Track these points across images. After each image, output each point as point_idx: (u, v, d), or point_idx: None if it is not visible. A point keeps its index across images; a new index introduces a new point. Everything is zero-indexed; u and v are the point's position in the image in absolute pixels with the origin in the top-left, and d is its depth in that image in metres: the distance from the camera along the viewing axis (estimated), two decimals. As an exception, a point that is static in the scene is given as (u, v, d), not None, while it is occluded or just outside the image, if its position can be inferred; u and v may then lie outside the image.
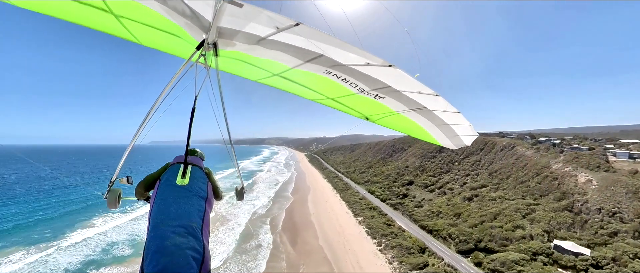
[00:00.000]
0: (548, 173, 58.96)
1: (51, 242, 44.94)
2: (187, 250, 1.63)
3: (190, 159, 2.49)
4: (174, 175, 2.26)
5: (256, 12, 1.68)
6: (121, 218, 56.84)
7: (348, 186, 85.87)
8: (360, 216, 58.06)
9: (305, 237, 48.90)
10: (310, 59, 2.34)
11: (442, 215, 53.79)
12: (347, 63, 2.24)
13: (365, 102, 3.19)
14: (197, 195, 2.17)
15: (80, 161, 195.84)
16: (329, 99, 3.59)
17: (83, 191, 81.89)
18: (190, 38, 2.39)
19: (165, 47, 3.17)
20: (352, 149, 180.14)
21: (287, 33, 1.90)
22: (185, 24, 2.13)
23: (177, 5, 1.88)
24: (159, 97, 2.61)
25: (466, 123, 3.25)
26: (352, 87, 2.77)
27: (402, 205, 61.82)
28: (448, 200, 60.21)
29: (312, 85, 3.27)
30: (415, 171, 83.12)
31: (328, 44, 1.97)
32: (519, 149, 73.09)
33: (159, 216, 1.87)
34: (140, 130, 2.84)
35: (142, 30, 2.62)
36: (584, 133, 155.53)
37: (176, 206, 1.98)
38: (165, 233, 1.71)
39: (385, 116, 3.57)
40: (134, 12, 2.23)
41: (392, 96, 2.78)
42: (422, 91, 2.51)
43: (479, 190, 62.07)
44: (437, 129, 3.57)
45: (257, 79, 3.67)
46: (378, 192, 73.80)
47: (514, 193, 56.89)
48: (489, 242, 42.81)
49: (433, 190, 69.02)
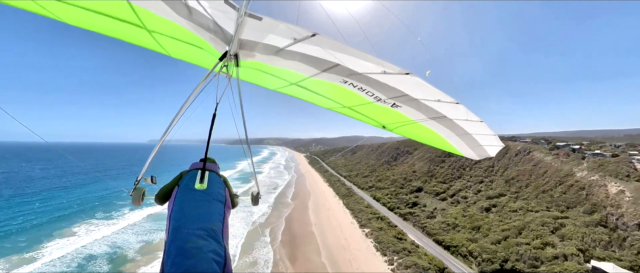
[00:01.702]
0: (572, 181, 53.81)
1: (23, 254, 40.00)
2: (209, 253, 1.65)
3: (208, 165, 2.48)
4: (192, 180, 2.27)
5: (275, 24, 1.76)
6: (107, 227, 51.76)
7: (351, 192, 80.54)
8: (367, 227, 52.72)
9: (306, 252, 43.51)
10: (327, 68, 2.39)
11: (458, 228, 48.52)
12: (364, 72, 2.25)
13: (382, 110, 3.19)
14: (216, 199, 2.19)
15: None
16: (345, 107, 3.65)
17: (69, 195, 76.80)
18: (213, 50, 2.56)
19: (190, 58, 3.34)
20: (354, 152, 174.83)
21: (304, 43, 1.96)
22: (210, 37, 2.28)
23: (203, 21, 2.00)
24: (184, 104, 2.74)
25: (490, 133, 3.13)
26: (369, 96, 2.78)
27: (413, 215, 56.47)
28: (463, 211, 54.91)
29: (329, 94, 3.30)
30: (423, 176, 77.82)
31: (344, 54, 2.00)
32: (536, 155, 68.00)
33: (180, 220, 1.88)
34: (166, 133, 2.99)
35: (171, 44, 2.84)
36: (588, 136, 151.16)
37: (196, 209, 2.00)
38: (187, 236, 1.72)
39: (403, 124, 3.55)
40: (165, 28, 2.40)
41: (410, 104, 2.76)
42: (442, 99, 2.45)
43: (496, 199, 56.81)
44: (458, 138, 3.46)
45: (276, 88, 3.74)
46: (384, 199, 68.45)
47: (537, 204, 51.69)
48: (516, 261, 37.60)
49: (445, 198, 63.67)
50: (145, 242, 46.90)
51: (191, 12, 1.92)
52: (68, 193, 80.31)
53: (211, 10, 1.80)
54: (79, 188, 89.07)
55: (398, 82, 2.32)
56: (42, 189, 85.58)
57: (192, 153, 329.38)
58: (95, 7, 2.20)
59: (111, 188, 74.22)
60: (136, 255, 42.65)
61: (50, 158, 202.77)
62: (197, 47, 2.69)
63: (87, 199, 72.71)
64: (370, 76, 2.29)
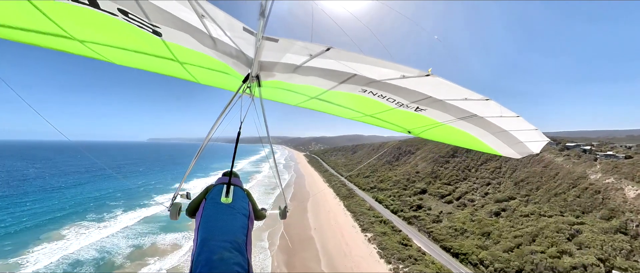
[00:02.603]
0: (587, 184, 51.04)
1: (8, 259, 38.14)
2: (234, 265, 1.75)
3: (232, 180, 2.61)
4: (219, 194, 2.41)
5: (290, 44, 1.84)
6: (98, 230, 49.65)
7: (352, 193, 77.75)
8: (370, 231, 49.97)
9: (305, 259, 40.73)
10: (345, 79, 2.43)
11: (467, 234, 45.76)
12: (382, 79, 2.25)
13: (406, 116, 3.15)
14: (241, 213, 2.30)
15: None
16: (367, 116, 3.68)
17: (62, 196, 74.57)
18: (237, 73, 2.67)
19: (217, 84, 3.57)
20: (354, 151, 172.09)
21: (319, 58, 2.01)
22: (233, 62, 2.42)
23: (226, 49, 2.16)
24: (214, 124, 3.00)
25: (530, 128, 2.83)
26: (390, 102, 2.78)
27: (418, 219, 53.61)
28: (471, 215, 52.12)
29: (349, 104, 3.37)
30: (427, 178, 74.99)
31: (360, 63, 2.03)
32: (546, 156, 65.20)
33: (207, 232, 1.99)
34: (199, 151, 3.26)
35: (200, 72, 3.07)
36: (590, 136, 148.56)
37: (222, 222, 2.11)
38: (214, 247, 1.83)
39: (430, 128, 3.47)
40: (194, 58, 2.58)
41: (435, 106, 2.70)
42: (469, 97, 2.34)
43: (506, 203, 54.01)
44: (493, 137, 3.26)
45: (297, 103, 3.88)
46: (387, 201, 65.63)
47: (550, 208, 48.91)
48: (531, 272, 34.90)
49: (451, 201, 60.88)
50: (135, 246, 44.54)
51: (215, 42, 2.08)
52: (62, 193, 78.20)
53: (232, 38, 1.94)
54: (74, 188, 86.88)
55: (419, 84, 2.29)
56: (35, 189, 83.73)
57: (178, 150, 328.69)
58: (138, 47, 2.53)
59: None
60: (125, 261, 40.43)
61: (48, 157, 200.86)
62: (222, 72, 2.88)
63: (80, 200, 70.50)
64: (389, 82, 2.28)
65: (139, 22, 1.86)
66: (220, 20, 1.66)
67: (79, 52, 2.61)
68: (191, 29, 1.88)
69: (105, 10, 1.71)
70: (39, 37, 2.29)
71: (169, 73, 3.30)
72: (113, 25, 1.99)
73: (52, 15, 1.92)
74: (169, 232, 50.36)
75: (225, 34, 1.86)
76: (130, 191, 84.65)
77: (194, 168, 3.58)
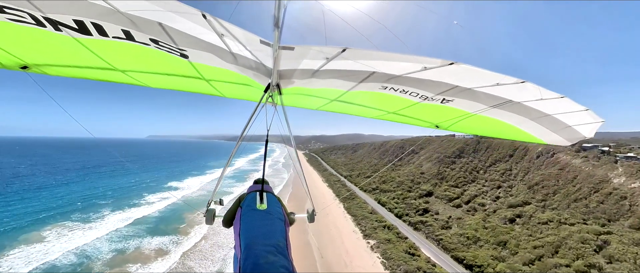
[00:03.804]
0: (610, 189, 46.78)
1: None
2: (280, 268, 1.78)
3: (265, 187, 2.68)
4: (253, 201, 2.47)
5: (306, 50, 1.90)
6: (81, 232, 46.83)
7: (353, 195, 73.58)
8: (373, 238, 45.85)
9: (300, 269, 36.76)
10: (364, 78, 2.40)
11: (481, 243, 41.56)
12: (402, 73, 2.19)
13: (432, 109, 3.04)
14: (278, 218, 2.35)
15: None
16: (390, 113, 3.59)
17: (51, 194, 71.46)
18: (258, 84, 2.77)
19: (241, 96, 3.83)
20: (355, 150, 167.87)
21: (336, 60, 2.00)
22: (254, 74, 2.51)
23: (245, 62, 2.26)
24: (242, 134, 3.22)
25: (580, 109, 2.46)
26: (413, 96, 2.69)
27: (425, 224, 49.31)
28: (483, 221, 47.89)
29: (370, 103, 3.34)
30: (433, 179, 70.72)
31: (377, 60, 2.00)
32: (561, 157, 60.89)
33: (250, 238, 2.05)
34: (230, 159, 3.40)
35: (224, 87, 3.25)
36: (597, 138, 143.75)
37: (262, 228, 2.17)
38: (260, 252, 1.89)
39: (460, 119, 3.31)
40: (219, 75, 2.73)
41: (463, 95, 2.54)
42: (501, 82, 2.14)
43: (520, 208, 49.78)
44: (534, 123, 2.94)
45: (318, 107, 3.96)
46: (391, 204, 61.36)
47: (571, 215, 44.70)
48: (557, 289, 30.85)
49: (459, 205, 56.63)
50: (117, 251, 41.30)
51: (236, 58, 2.17)
52: (51, 191, 75.19)
53: (252, 51, 2.02)
54: (64, 186, 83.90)
55: (443, 75, 2.15)
56: (24, 187, 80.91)
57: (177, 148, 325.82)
58: (169, 70, 2.72)
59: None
60: (103, 268, 36.87)
61: (47, 154, 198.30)
62: (245, 85, 2.97)
63: (70, 199, 67.42)
64: (410, 76, 2.20)
65: (169, 48, 2.05)
66: (238, 36, 1.75)
67: (122, 80, 2.97)
68: (213, 48, 2.02)
69: (139, 41, 1.94)
70: (89, 72, 2.67)
71: (197, 90, 3.51)
72: (147, 54, 2.21)
73: (98, 52, 2.21)
74: (156, 235, 47.40)
75: (246, 48, 1.95)
76: (121, 189, 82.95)
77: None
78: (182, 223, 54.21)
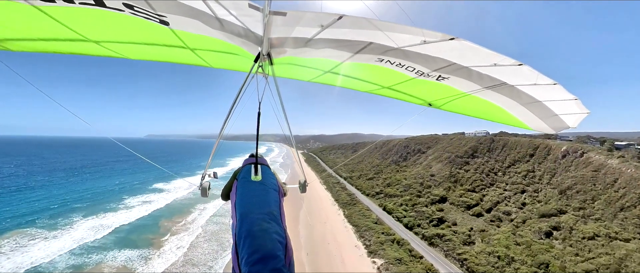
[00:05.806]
0: (664, 196, 38.91)
1: None
2: (273, 234, 1.83)
3: (259, 160, 2.71)
4: (248, 173, 2.49)
5: (299, 16, 1.78)
6: (44, 242, 41.44)
7: (354, 200, 65.44)
8: (379, 255, 37.76)
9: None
10: (360, 49, 2.32)
11: (515, 264, 33.44)
12: (400, 46, 2.08)
13: (426, 86, 2.94)
14: (272, 188, 2.39)
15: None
16: (384, 88, 3.52)
17: (27, 197, 66.96)
18: (247, 53, 2.64)
19: (229, 66, 3.53)
20: (355, 149, 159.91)
21: (332, 28, 1.91)
22: (242, 42, 2.37)
23: (233, 29, 2.10)
24: (231, 108, 3.07)
25: (569, 97, 2.48)
26: (409, 71, 2.62)
27: (442, 239, 41.04)
28: (513, 234, 39.86)
29: (365, 76, 3.26)
30: (445, 182, 62.58)
31: (375, 30, 1.90)
32: (593, 157, 52.97)
33: (245, 207, 2.10)
34: (221, 134, 3.44)
35: (211, 56, 3.03)
36: (607, 137, 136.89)
37: (256, 197, 2.21)
38: (253, 220, 1.94)
39: (453, 99, 3.20)
40: (204, 43, 2.57)
41: (459, 73, 2.48)
42: (499, 63, 2.10)
43: (556, 218, 41.75)
44: (523, 108, 2.92)
45: (311, 78, 3.81)
46: (399, 212, 53.17)
47: (622, 228, 36.75)
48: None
49: (480, 213, 48.56)
50: (73, 268, 34.53)
51: (222, 24, 2.02)
52: (28, 194, 69.73)
53: (239, 17, 1.89)
54: (44, 188, 78.02)
55: (442, 50, 2.10)
56: (0, 190, 73.42)
57: (175, 147, 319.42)
58: (148, 40, 2.53)
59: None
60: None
61: (37, 153, 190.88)
62: (233, 54, 2.83)
63: (45, 203, 61.85)
64: (408, 49, 2.12)
65: (146, 14, 1.89)
66: None
67: (97, 53, 2.72)
68: (196, 13, 1.86)
69: (111, 7, 1.76)
70: (58, 45, 2.46)
71: (182, 61, 3.26)
72: (122, 21, 2.04)
73: (65, 21, 2.02)
74: (124, 248, 40.72)
75: (231, 13, 1.82)
76: (103, 193, 78.14)
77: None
78: (156, 233, 47.04)
